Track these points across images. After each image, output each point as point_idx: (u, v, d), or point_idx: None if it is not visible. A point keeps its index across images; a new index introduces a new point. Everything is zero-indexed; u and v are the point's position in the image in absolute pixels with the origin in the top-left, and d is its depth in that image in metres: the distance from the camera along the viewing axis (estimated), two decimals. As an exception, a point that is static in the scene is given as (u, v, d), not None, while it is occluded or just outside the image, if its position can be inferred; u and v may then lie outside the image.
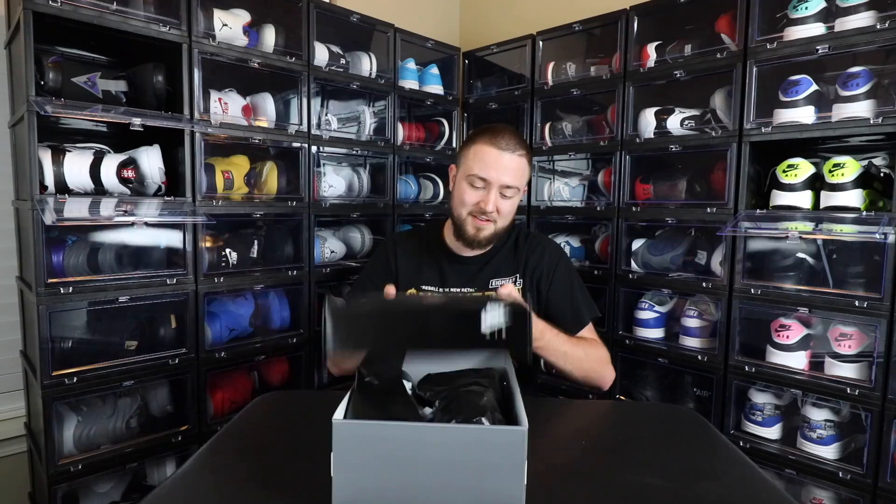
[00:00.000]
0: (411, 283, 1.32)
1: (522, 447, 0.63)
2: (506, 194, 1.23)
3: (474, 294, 1.28)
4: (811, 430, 1.35)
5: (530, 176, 1.33)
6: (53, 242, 1.33)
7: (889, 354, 1.22)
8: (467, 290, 1.29)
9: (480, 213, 1.23)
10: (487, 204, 1.21)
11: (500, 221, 1.25)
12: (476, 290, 1.29)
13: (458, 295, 1.29)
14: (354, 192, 1.94)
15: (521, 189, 1.26)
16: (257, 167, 1.68)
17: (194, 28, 1.42)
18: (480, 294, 1.28)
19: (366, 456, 0.63)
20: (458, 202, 1.26)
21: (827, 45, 1.31)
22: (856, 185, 1.28)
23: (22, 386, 1.59)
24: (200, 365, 1.49)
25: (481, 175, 1.21)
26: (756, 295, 1.42)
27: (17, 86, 1.35)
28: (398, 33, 1.94)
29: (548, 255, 1.32)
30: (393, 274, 1.35)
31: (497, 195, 1.22)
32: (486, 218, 1.23)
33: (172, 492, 0.73)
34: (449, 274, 1.32)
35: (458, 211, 1.27)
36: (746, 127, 1.43)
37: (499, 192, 1.22)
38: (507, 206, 1.24)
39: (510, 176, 1.21)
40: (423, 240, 1.40)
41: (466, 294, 1.29)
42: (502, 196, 1.23)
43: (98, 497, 1.42)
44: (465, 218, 1.25)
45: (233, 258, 1.59)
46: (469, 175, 1.23)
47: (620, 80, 1.70)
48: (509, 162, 1.21)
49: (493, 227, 1.25)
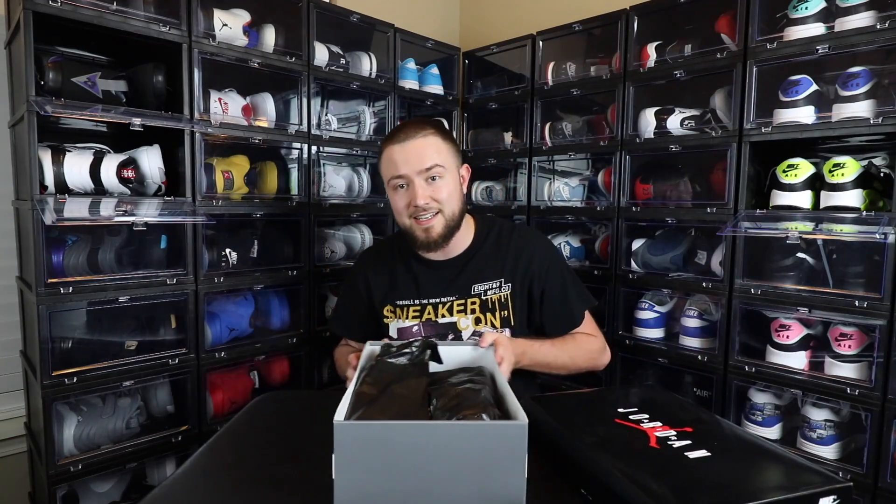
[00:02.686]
0: (386, 299, 1.26)
1: (523, 441, 0.63)
2: (432, 177, 1.14)
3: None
4: (811, 430, 1.35)
5: (457, 156, 1.21)
6: (53, 242, 1.33)
7: (889, 354, 1.22)
8: (447, 298, 1.21)
9: (418, 213, 1.14)
10: (416, 198, 1.13)
11: (446, 209, 1.16)
12: (457, 297, 1.21)
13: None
14: (354, 192, 1.94)
15: (448, 166, 1.16)
16: (257, 167, 1.68)
17: (194, 28, 1.42)
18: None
19: (368, 457, 0.63)
20: (396, 213, 1.21)
21: (827, 45, 1.31)
22: (856, 185, 1.28)
23: (22, 386, 1.59)
24: (200, 365, 1.49)
25: (395, 175, 1.15)
26: (756, 295, 1.42)
27: (17, 86, 1.35)
28: (398, 33, 1.94)
29: (538, 256, 1.24)
30: (365, 300, 1.30)
31: (422, 184, 1.13)
32: (426, 214, 1.14)
33: (172, 492, 0.73)
34: (424, 283, 1.24)
35: (400, 222, 1.20)
36: (746, 127, 1.43)
37: (423, 181, 1.14)
38: (442, 188, 1.15)
39: (423, 158, 1.13)
40: (395, 249, 1.31)
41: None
42: (428, 182, 1.14)
43: (98, 497, 1.42)
44: (409, 225, 1.18)
45: (233, 258, 1.59)
46: (389, 182, 1.18)
47: (620, 80, 1.70)
48: (414, 148, 1.13)
49: (443, 220, 1.16)
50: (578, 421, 0.77)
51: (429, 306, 1.22)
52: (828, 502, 0.57)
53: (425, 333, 1.21)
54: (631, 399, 0.84)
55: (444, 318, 1.21)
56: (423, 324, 1.22)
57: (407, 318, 1.23)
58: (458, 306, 1.21)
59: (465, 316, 1.21)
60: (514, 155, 2.03)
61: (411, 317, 1.23)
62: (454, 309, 1.22)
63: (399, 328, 1.24)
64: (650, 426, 0.72)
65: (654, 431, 0.70)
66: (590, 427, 0.74)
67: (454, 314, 1.21)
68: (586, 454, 0.67)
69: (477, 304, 1.21)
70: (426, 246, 1.18)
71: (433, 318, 1.22)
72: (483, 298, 1.21)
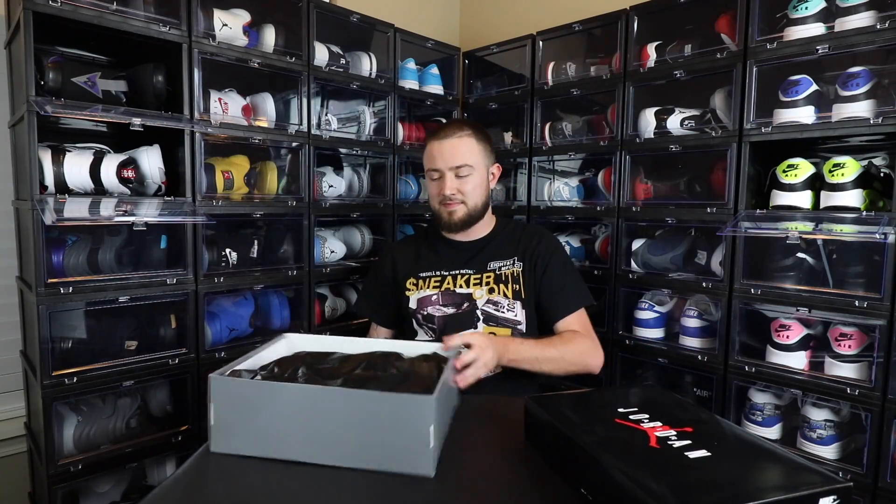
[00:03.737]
0: (410, 272, 1.42)
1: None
2: (460, 174, 1.34)
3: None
4: (811, 430, 1.35)
5: (489, 156, 1.41)
6: (53, 242, 1.33)
7: (889, 354, 1.22)
8: (465, 271, 1.38)
9: (446, 200, 1.35)
10: (445, 188, 1.33)
11: (469, 201, 1.36)
12: (475, 272, 1.37)
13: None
14: (354, 192, 1.94)
15: (476, 165, 1.35)
16: (257, 167, 1.68)
17: (194, 28, 1.42)
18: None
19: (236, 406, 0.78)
20: (430, 199, 1.43)
21: (827, 45, 1.31)
22: (856, 185, 1.28)
23: (22, 386, 1.59)
24: (200, 365, 1.49)
25: (432, 167, 1.37)
26: (756, 295, 1.42)
27: (17, 86, 1.35)
28: (398, 33, 1.94)
29: (545, 242, 1.40)
30: (389, 280, 1.46)
31: (452, 178, 1.34)
32: (451, 201, 1.34)
33: (172, 492, 0.73)
34: (446, 258, 1.42)
35: (432, 207, 1.42)
36: (746, 127, 1.43)
37: (453, 175, 1.34)
38: (468, 184, 1.35)
39: (455, 157, 1.33)
40: (421, 236, 1.54)
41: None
42: (457, 177, 1.34)
43: (98, 497, 1.42)
44: (437, 209, 1.39)
45: (233, 258, 1.59)
46: (426, 172, 1.40)
47: (620, 80, 1.70)
48: (451, 146, 1.34)
49: (465, 209, 1.36)
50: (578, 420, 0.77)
51: (448, 277, 1.38)
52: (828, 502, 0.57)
53: (443, 302, 1.35)
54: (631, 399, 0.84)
55: (461, 289, 1.36)
56: (441, 293, 1.37)
57: (428, 288, 1.38)
58: (474, 279, 1.37)
59: (480, 288, 1.35)
60: (514, 155, 2.03)
61: (432, 286, 1.38)
62: (471, 281, 1.37)
63: (419, 298, 1.38)
64: (650, 426, 0.72)
65: (654, 431, 0.70)
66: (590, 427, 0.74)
67: (470, 286, 1.36)
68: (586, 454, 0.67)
69: (492, 277, 1.36)
70: (448, 226, 1.38)
71: (451, 288, 1.37)
72: (497, 273, 1.36)
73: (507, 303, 1.34)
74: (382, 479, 0.74)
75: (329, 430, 0.76)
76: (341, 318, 1.90)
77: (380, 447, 0.75)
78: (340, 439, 0.76)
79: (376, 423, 0.75)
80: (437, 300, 1.36)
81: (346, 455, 0.76)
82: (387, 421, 0.74)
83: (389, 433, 0.74)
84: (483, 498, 0.72)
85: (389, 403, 0.75)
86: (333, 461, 0.76)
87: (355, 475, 0.75)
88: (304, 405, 0.76)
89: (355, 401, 0.76)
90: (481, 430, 0.92)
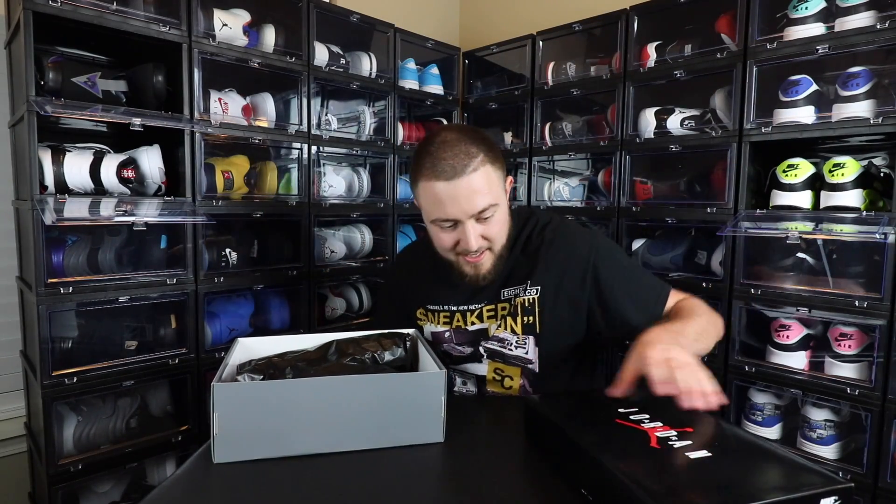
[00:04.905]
0: (418, 302, 1.20)
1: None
2: (483, 216, 1.01)
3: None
4: (811, 430, 1.35)
5: (504, 173, 1.07)
6: (53, 242, 1.33)
7: (889, 354, 1.22)
8: (475, 305, 1.13)
9: (467, 253, 1.04)
10: (469, 244, 1.01)
11: (496, 245, 1.06)
12: (487, 303, 1.12)
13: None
14: (354, 192, 1.94)
15: (498, 198, 1.03)
16: (257, 167, 1.68)
17: (194, 28, 1.42)
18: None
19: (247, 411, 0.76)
20: (439, 247, 1.08)
21: (827, 45, 1.31)
22: (856, 185, 1.28)
23: (22, 386, 1.59)
24: (200, 365, 1.49)
25: (442, 217, 1.01)
26: (756, 295, 1.42)
27: (17, 86, 1.35)
28: (398, 33, 1.94)
29: (579, 254, 1.07)
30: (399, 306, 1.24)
31: (473, 225, 1.01)
32: (475, 253, 1.03)
33: (172, 492, 0.73)
34: (454, 290, 1.15)
35: (443, 255, 1.09)
36: (746, 127, 1.43)
37: (474, 221, 1.01)
38: (493, 227, 1.03)
39: (475, 200, 0.99)
40: (429, 254, 1.18)
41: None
42: (479, 221, 1.01)
43: (98, 497, 1.42)
44: (454, 260, 1.08)
45: (233, 258, 1.59)
46: (433, 221, 1.04)
47: (620, 80, 1.70)
48: (467, 187, 0.98)
49: (492, 256, 1.06)
50: (579, 421, 0.77)
51: (457, 314, 1.15)
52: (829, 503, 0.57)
53: (457, 341, 1.14)
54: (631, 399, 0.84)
55: (473, 326, 1.13)
56: (453, 331, 1.15)
57: (438, 324, 1.16)
58: (487, 312, 1.12)
59: (495, 322, 1.11)
60: (515, 155, 2.03)
61: (442, 322, 1.16)
62: (484, 315, 1.13)
63: (432, 332, 1.17)
64: (651, 426, 0.72)
65: (654, 432, 0.70)
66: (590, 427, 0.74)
67: (485, 320, 1.12)
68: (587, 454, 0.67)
69: (507, 308, 1.10)
70: (475, 280, 1.08)
71: (462, 326, 1.14)
72: (513, 303, 1.09)
73: (516, 339, 1.08)
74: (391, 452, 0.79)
75: (346, 418, 0.79)
76: (341, 318, 1.90)
77: (395, 425, 0.80)
78: (357, 424, 0.79)
79: (392, 402, 0.79)
80: (452, 338, 1.15)
81: (362, 438, 0.79)
82: (402, 399, 0.79)
83: (405, 410, 0.80)
84: (484, 498, 0.72)
85: (405, 382, 0.81)
86: (350, 447, 0.79)
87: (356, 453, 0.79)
88: (322, 397, 0.78)
89: (372, 385, 0.79)
90: (480, 429, 0.92)
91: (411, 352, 0.96)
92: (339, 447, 0.79)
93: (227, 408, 0.76)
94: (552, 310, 1.06)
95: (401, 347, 0.95)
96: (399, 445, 0.80)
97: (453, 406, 0.84)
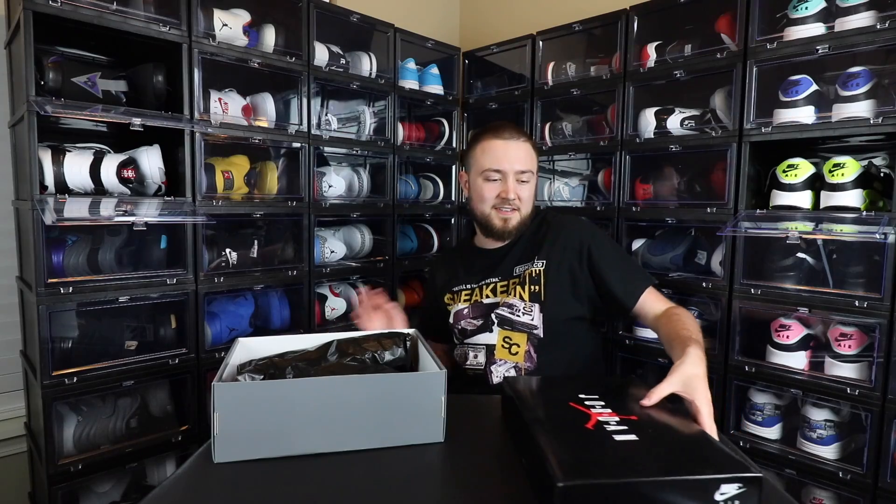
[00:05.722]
0: (446, 288, 1.38)
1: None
2: (521, 179, 1.27)
3: None
4: (811, 430, 1.35)
5: (538, 162, 1.35)
6: (53, 242, 1.34)
7: (889, 354, 1.22)
8: (491, 280, 1.31)
9: (503, 204, 1.27)
10: (508, 192, 1.25)
11: (523, 208, 1.29)
12: (501, 279, 1.29)
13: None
14: (354, 192, 1.94)
15: (534, 173, 1.30)
16: (257, 167, 1.68)
17: (194, 28, 1.42)
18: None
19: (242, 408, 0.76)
20: (479, 199, 1.31)
21: (827, 45, 1.31)
22: (856, 185, 1.28)
23: (22, 386, 1.59)
24: (200, 365, 1.49)
25: (495, 167, 1.26)
26: (756, 295, 1.42)
27: (17, 86, 1.35)
28: (398, 33, 1.94)
29: (577, 232, 1.29)
30: (432, 292, 1.45)
31: (514, 182, 1.26)
32: (510, 207, 1.27)
33: (172, 492, 0.73)
34: (475, 268, 1.35)
35: (480, 209, 1.31)
36: (746, 127, 1.43)
37: (515, 179, 1.26)
38: (526, 191, 1.28)
39: (522, 162, 1.26)
40: (459, 248, 1.50)
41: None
42: (519, 182, 1.27)
43: (98, 497, 1.42)
44: (488, 213, 1.29)
45: (233, 258, 1.59)
46: (483, 171, 1.28)
47: (620, 80, 1.70)
48: (517, 149, 1.26)
49: (519, 216, 1.29)
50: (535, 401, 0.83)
51: (476, 289, 1.32)
52: (731, 489, 0.58)
53: (473, 315, 1.29)
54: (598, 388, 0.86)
55: (487, 299, 1.29)
56: (471, 306, 1.30)
57: (460, 302, 1.32)
58: (500, 287, 1.29)
59: (507, 296, 1.27)
60: (514, 155, 2.03)
61: (463, 300, 1.32)
62: (497, 290, 1.29)
63: (455, 311, 1.32)
64: (598, 411, 0.76)
65: (597, 416, 0.74)
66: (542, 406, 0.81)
67: (497, 294, 1.29)
68: (527, 427, 0.72)
69: (517, 282, 1.27)
70: (500, 234, 1.30)
71: (479, 300, 1.30)
72: (522, 276, 1.28)
73: (524, 306, 1.23)
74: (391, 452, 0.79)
75: (346, 418, 0.79)
76: (341, 317, 1.91)
77: (395, 425, 0.80)
78: (358, 424, 0.79)
79: (392, 402, 0.80)
80: (469, 314, 1.29)
81: (362, 438, 0.79)
82: (403, 399, 0.80)
83: (405, 410, 0.80)
84: (484, 498, 0.72)
85: (406, 382, 0.81)
86: (350, 446, 0.79)
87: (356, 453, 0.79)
88: (322, 397, 0.78)
89: (372, 385, 0.80)
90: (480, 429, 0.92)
91: (411, 352, 0.96)
92: (340, 447, 0.79)
93: (227, 408, 0.76)
94: (555, 280, 1.24)
95: (401, 347, 0.95)
96: (399, 445, 0.80)
97: (453, 406, 0.84)
